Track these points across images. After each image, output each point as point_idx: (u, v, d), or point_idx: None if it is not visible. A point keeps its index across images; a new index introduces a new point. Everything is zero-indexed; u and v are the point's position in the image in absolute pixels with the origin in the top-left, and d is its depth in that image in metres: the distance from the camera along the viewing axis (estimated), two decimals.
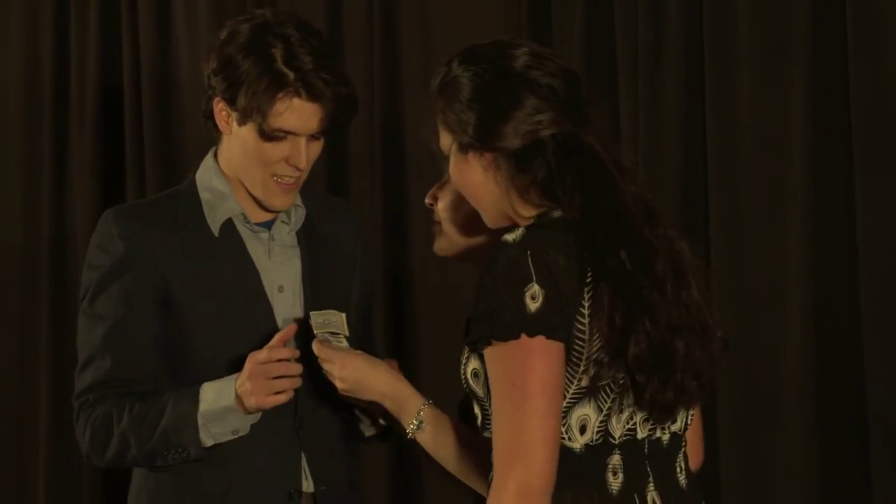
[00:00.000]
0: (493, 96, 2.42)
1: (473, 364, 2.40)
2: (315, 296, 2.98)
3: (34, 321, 4.74)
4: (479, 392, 2.40)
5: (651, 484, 2.42)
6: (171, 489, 2.95)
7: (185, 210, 2.97)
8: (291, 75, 2.85)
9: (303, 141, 2.89)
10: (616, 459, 2.39)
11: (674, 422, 2.46)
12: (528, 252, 2.31)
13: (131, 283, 2.91)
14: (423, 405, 2.63)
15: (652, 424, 2.42)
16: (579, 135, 2.42)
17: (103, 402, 2.91)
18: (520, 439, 2.28)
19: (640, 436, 2.41)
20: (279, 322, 2.94)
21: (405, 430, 2.64)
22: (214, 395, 2.85)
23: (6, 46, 4.80)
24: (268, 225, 2.99)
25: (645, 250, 2.38)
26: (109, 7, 4.69)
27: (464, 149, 2.45)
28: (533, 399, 2.28)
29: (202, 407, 2.85)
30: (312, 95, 2.85)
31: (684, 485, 2.48)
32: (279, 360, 2.82)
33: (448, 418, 2.62)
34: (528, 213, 2.45)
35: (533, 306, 2.30)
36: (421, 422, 2.60)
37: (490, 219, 2.51)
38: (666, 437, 2.45)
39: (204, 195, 2.98)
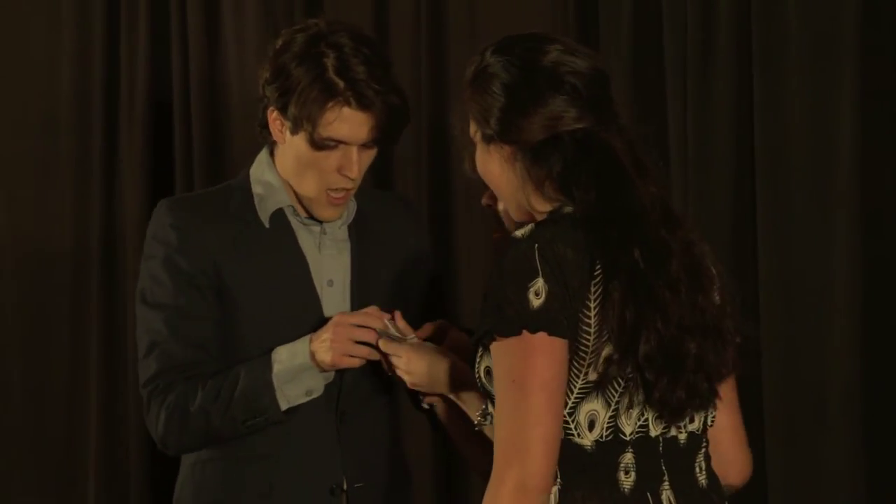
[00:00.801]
0: (518, 90, 2.42)
1: (487, 362, 2.38)
2: (362, 291, 2.98)
3: (84, 321, 4.77)
4: (492, 390, 2.39)
5: (666, 483, 2.40)
6: (215, 483, 2.97)
7: (238, 202, 2.98)
8: (342, 84, 2.84)
9: (354, 150, 2.89)
10: (628, 458, 2.37)
11: (691, 421, 2.44)
12: (536, 246, 2.31)
13: (187, 270, 2.93)
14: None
15: (665, 423, 2.40)
16: (599, 133, 2.42)
17: (173, 388, 2.91)
18: (518, 436, 2.27)
19: (653, 433, 2.39)
20: (327, 316, 2.94)
21: (473, 421, 2.62)
22: (288, 355, 2.86)
23: (58, 51, 4.83)
24: (319, 219, 3.00)
25: (659, 250, 2.36)
26: (159, 12, 4.72)
27: (486, 139, 2.46)
28: (532, 396, 2.28)
29: (276, 368, 2.86)
30: (362, 105, 2.85)
31: (705, 485, 2.45)
32: (365, 328, 2.83)
33: None
34: (542, 207, 2.45)
35: (536, 302, 2.29)
36: (489, 413, 2.57)
37: (512, 210, 2.51)
38: (683, 436, 2.43)
39: (256, 188, 2.99)
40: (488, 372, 2.38)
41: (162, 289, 2.94)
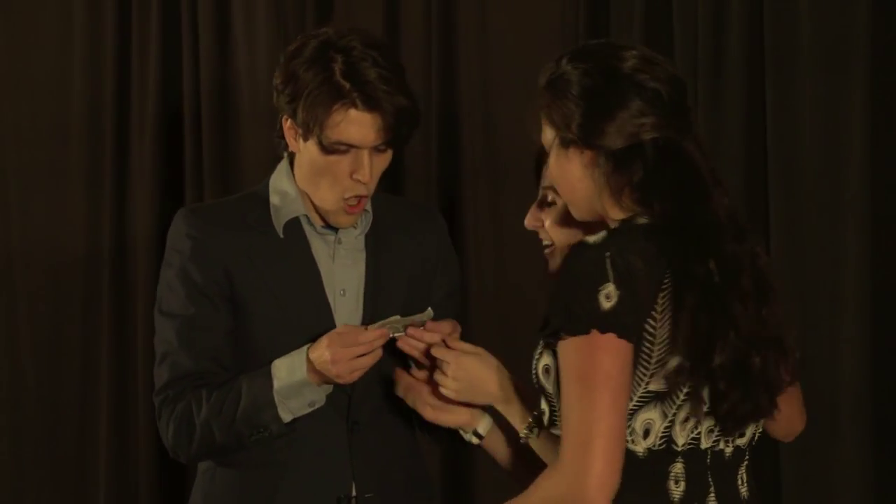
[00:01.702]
0: (600, 95, 2.44)
1: (546, 360, 2.42)
2: (375, 301, 2.97)
3: (96, 327, 4.78)
4: (549, 388, 2.42)
5: (712, 494, 2.43)
6: (224, 491, 2.97)
7: (254, 211, 2.98)
8: (348, 86, 2.82)
9: (365, 154, 2.87)
10: (678, 468, 2.41)
11: (741, 435, 2.48)
12: (608, 254, 2.34)
13: (199, 280, 2.93)
14: (536, 412, 2.59)
15: (716, 435, 2.43)
16: (680, 141, 2.44)
17: (182, 398, 2.93)
18: (583, 430, 2.31)
19: (703, 446, 2.42)
20: (338, 325, 2.93)
21: (518, 433, 2.64)
22: (287, 370, 2.86)
23: (69, 59, 4.84)
24: (335, 228, 2.98)
25: (732, 263, 2.40)
26: (170, 20, 4.72)
27: (565, 144, 2.47)
28: (598, 393, 2.31)
29: (276, 384, 2.85)
30: (369, 106, 2.83)
31: (746, 497, 2.49)
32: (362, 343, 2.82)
33: None
34: (615, 215, 2.47)
35: (606, 304, 2.32)
36: (535, 426, 2.60)
37: (579, 213, 2.53)
38: (729, 450, 2.46)
39: (273, 197, 2.98)
40: (546, 370, 2.41)
41: (175, 298, 2.95)
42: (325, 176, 2.90)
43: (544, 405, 2.44)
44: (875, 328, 3.89)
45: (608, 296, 2.32)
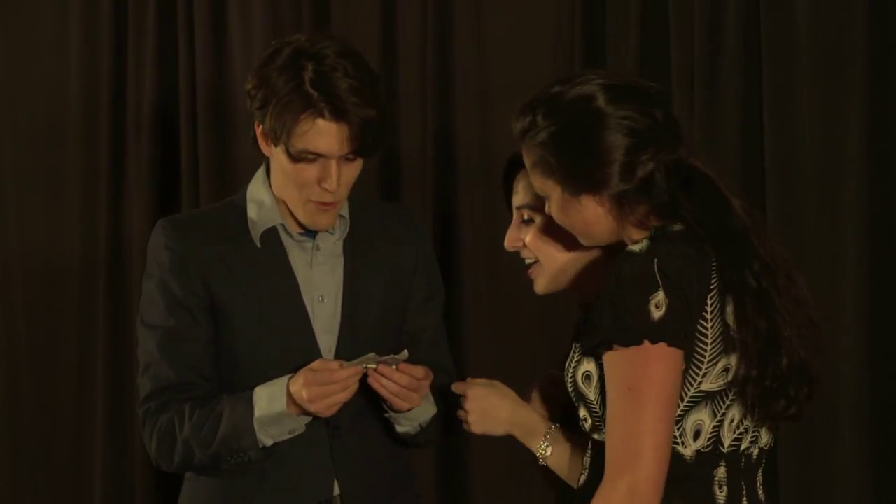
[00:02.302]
0: (590, 142, 2.45)
1: (586, 367, 2.43)
2: (353, 306, 2.99)
3: (92, 330, 4.78)
4: (591, 395, 2.44)
5: (745, 497, 2.46)
6: (208, 496, 2.99)
7: (232, 221, 2.99)
8: (315, 95, 2.81)
9: (333, 163, 2.87)
10: (722, 472, 2.44)
11: (768, 435, 2.51)
12: (655, 261, 2.36)
13: (178, 292, 2.95)
14: (550, 429, 2.63)
15: (752, 437, 2.46)
16: (683, 158, 2.46)
17: (165, 410, 2.96)
18: (632, 442, 2.33)
19: (742, 447, 2.45)
20: (317, 331, 2.96)
21: (536, 455, 2.65)
22: (268, 400, 2.88)
23: (65, 62, 4.84)
24: (313, 234, 3.00)
25: (768, 263, 2.44)
26: (166, 23, 4.72)
27: (576, 193, 2.48)
28: (649, 404, 2.33)
29: (257, 412, 2.88)
30: (336, 116, 2.82)
31: (764, 499, 2.51)
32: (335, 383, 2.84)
33: (575, 439, 2.61)
34: (640, 235, 2.48)
35: (657, 314, 2.34)
36: (549, 445, 2.62)
37: (596, 243, 2.55)
38: (756, 452, 2.49)
39: (250, 206, 3.00)
40: (587, 377, 2.43)
41: (155, 310, 2.97)
42: (293, 181, 2.90)
43: (584, 412, 2.45)
44: (873, 330, 3.89)
45: (658, 305, 2.34)
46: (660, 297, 2.34)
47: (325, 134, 2.84)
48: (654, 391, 2.32)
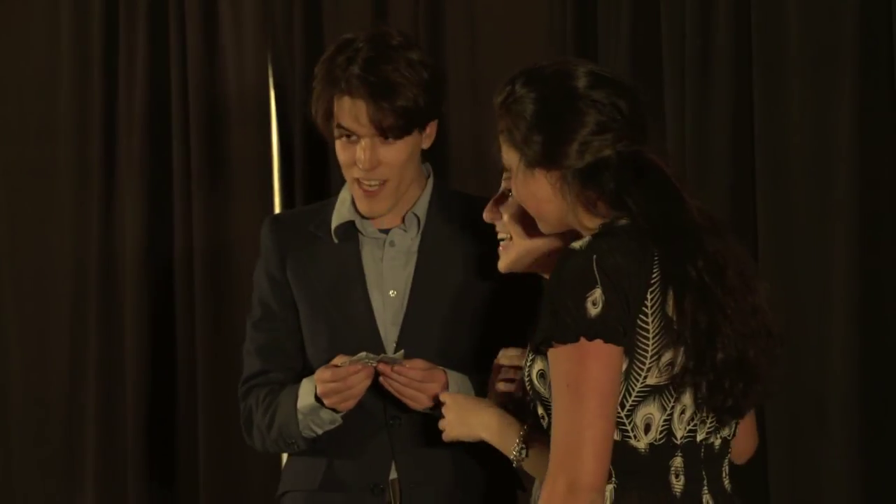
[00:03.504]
0: (558, 117, 2.50)
1: (540, 365, 2.46)
2: (419, 300, 3.12)
3: (84, 327, 4.78)
4: (545, 393, 2.47)
5: (705, 487, 2.48)
6: (288, 475, 3.24)
7: (320, 218, 3.22)
8: (343, 76, 3.05)
9: (364, 141, 3.06)
10: (678, 462, 2.46)
11: (727, 426, 2.54)
12: (594, 257, 2.39)
13: (266, 284, 3.21)
14: (522, 432, 2.66)
15: (709, 427, 2.48)
16: (642, 151, 2.50)
17: (250, 395, 3.21)
18: (571, 438, 2.36)
19: (698, 438, 2.47)
20: (382, 325, 3.11)
21: (510, 459, 2.67)
22: (304, 392, 3.09)
23: (56, 57, 4.84)
24: (387, 231, 3.18)
25: (716, 260, 2.45)
26: (157, 20, 4.72)
27: (531, 165, 2.53)
28: (586, 401, 2.36)
29: (299, 403, 3.08)
30: (353, 94, 3.04)
31: (729, 489, 2.54)
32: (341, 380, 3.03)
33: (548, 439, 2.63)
34: (592, 223, 2.52)
35: (593, 311, 2.37)
36: (522, 448, 2.64)
37: (548, 228, 2.59)
38: (718, 443, 2.51)
39: (337, 205, 3.21)
40: (541, 375, 2.45)
41: (254, 298, 3.25)
42: (341, 164, 3.12)
43: (541, 410, 2.48)
44: (863, 328, 3.89)
45: (595, 302, 2.37)
46: (597, 294, 2.37)
47: (350, 111, 3.06)
48: (590, 387, 2.36)
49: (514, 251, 2.75)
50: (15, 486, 4.85)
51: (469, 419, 2.75)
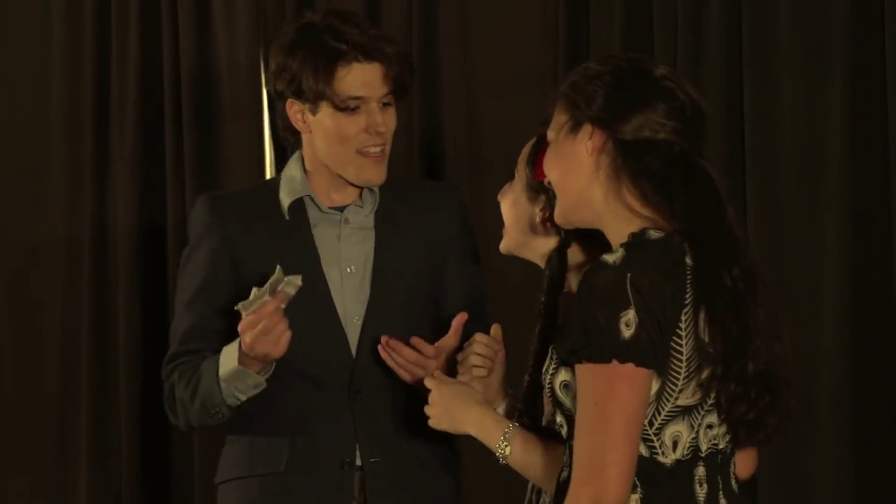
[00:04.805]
0: (631, 88, 2.44)
1: (564, 376, 2.43)
2: (382, 276, 3.11)
3: (76, 319, 4.78)
4: (568, 404, 2.44)
5: (721, 492, 2.47)
6: (235, 460, 3.14)
7: (264, 198, 3.16)
8: (344, 45, 3.03)
9: (375, 106, 3.05)
10: (701, 471, 2.45)
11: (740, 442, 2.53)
12: (629, 276, 2.34)
13: (203, 263, 3.13)
14: (508, 428, 2.64)
15: (729, 438, 2.47)
16: (692, 153, 2.45)
17: (174, 373, 3.13)
18: (597, 457, 2.34)
19: (720, 446, 2.47)
20: (346, 300, 3.10)
21: (496, 455, 2.67)
22: (226, 357, 3.03)
23: (48, 48, 4.83)
24: (341, 208, 3.15)
25: (751, 274, 2.42)
26: (149, 9, 4.72)
27: (577, 125, 2.45)
28: (613, 422, 2.33)
29: (220, 370, 3.03)
30: (369, 56, 3.05)
31: (737, 490, 2.53)
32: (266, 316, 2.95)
33: (535, 437, 2.63)
34: (614, 217, 2.46)
35: (627, 333, 2.33)
36: (508, 445, 2.63)
37: (565, 209, 2.51)
38: (729, 448, 2.51)
39: (282, 184, 3.16)
40: (565, 386, 2.42)
41: (183, 278, 3.17)
42: (341, 139, 3.08)
43: (561, 419, 2.45)
44: (854, 325, 3.90)
45: (628, 323, 2.33)
46: (630, 315, 2.33)
47: (364, 74, 3.05)
48: (618, 409, 2.33)
49: (506, 237, 2.77)
50: (6, 478, 4.84)
51: (455, 413, 2.72)
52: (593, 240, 2.58)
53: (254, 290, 2.94)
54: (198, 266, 3.13)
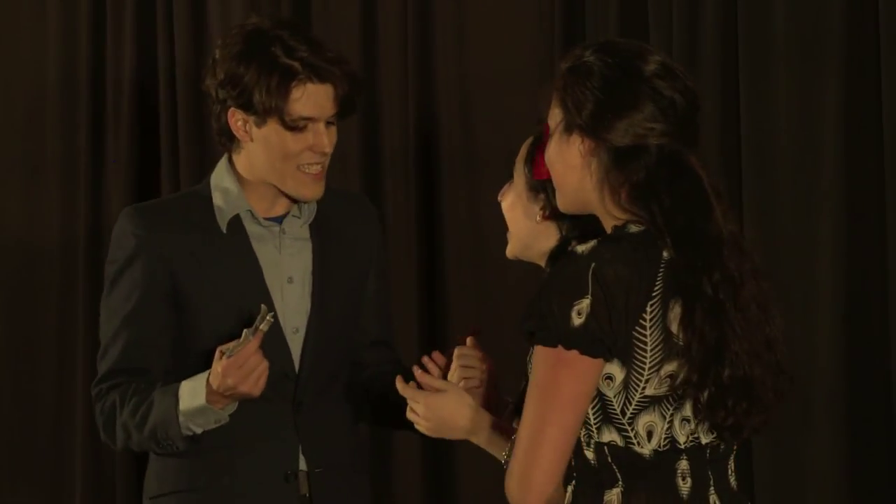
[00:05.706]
0: (617, 90, 2.45)
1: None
2: (323, 286, 3.12)
3: (71, 318, 4.78)
4: None
5: (712, 487, 2.48)
6: (175, 473, 3.09)
7: (197, 209, 3.11)
8: (297, 64, 3.00)
9: (322, 126, 3.04)
10: (684, 465, 2.46)
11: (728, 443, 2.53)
12: (593, 266, 2.37)
13: (140, 278, 3.07)
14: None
15: (715, 435, 2.48)
16: (683, 153, 2.46)
17: (112, 392, 3.08)
18: (531, 437, 2.39)
19: (703, 441, 2.47)
20: (287, 312, 3.09)
21: (501, 460, 2.66)
22: (189, 393, 2.99)
23: (43, 48, 4.83)
24: (279, 220, 3.12)
25: (733, 276, 2.42)
26: (145, 8, 4.72)
27: (570, 128, 2.48)
28: (550, 407, 2.38)
29: (181, 405, 2.99)
30: (322, 77, 3.02)
31: (735, 487, 2.53)
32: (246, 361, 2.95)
33: None
34: (618, 212, 2.48)
35: (577, 321, 2.36)
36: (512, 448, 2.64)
37: (564, 200, 2.55)
38: (723, 443, 2.51)
39: (215, 195, 3.11)
40: None
41: (116, 294, 3.10)
42: (284, 155, 3.04)
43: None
44: (849, 319, 3.91)
45: (580, 312, 2.36)
46: (584, 304, 2.36)
47: (316, 96, 3.02)
48: (556, 395, 2.37)
49: (513, 242, 2.78)
50: (2, 476, 4.85)
51: (457, 422, 2.73)
52: (594, 239, 2.59)
53: (245, 332, 2.93)
54: (133, 282, 3.07)
